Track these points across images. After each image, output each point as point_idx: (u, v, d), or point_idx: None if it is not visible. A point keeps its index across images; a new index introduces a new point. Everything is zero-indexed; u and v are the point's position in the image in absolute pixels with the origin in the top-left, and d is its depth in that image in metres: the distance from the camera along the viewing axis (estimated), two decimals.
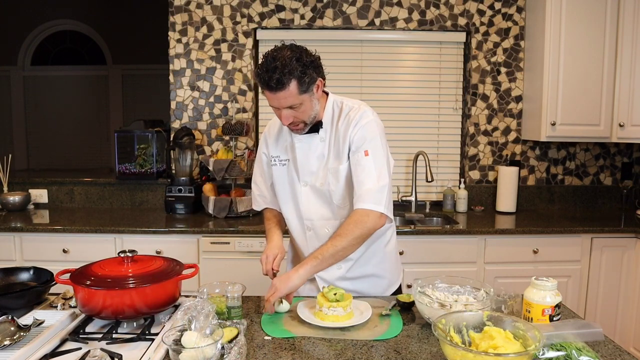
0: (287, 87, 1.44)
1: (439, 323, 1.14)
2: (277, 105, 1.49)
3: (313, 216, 1.67)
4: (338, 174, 1.61)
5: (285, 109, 1.50)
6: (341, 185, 1.62)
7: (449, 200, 3.20)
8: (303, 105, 1.50)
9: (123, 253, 1.43)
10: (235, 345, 1.18)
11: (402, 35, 3.24)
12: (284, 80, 1.42)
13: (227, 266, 2.66)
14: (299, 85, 1.46)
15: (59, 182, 3.29)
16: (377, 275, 1.73)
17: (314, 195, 1.66)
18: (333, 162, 1.62)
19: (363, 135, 1.57)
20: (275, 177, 1.73)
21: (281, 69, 1.42)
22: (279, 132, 1.72)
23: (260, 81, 1.46)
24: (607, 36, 2.94)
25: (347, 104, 1.65)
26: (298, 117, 1.53)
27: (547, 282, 1.31)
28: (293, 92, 1.45)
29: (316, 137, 1.63)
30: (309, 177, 1.65)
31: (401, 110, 3.31)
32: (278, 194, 1.74)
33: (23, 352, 1.15)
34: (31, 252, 2.68)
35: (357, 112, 1.60)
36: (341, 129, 1.61)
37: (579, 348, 1.13)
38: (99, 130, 5.87)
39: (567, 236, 2.75)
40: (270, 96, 1.48)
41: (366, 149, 1.56)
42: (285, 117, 1.51)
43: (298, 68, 1.44)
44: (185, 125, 3.22)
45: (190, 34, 3.18)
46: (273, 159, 1.72)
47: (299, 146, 1.64)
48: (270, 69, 1.43)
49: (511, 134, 3.32)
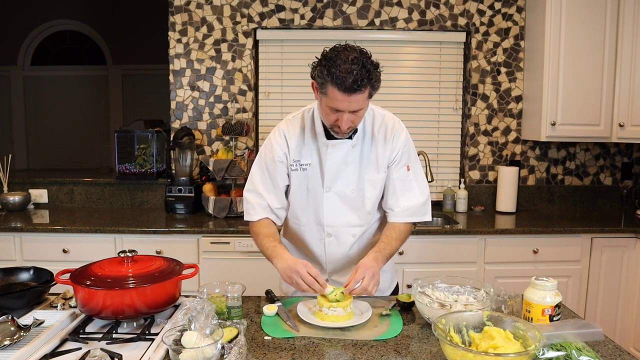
0: (364, 91, 1.42)
1: (439, 323, 1.14)
2: (345, 108, 1.44)
3: (337, 223, 1.65)
4: (376, 182, 1.63)
5: (349, 113, 1.46)
6: (377, 193, 1.64)
7: (449, 200, 3.20)
8: (363, 110, 1.49)
9: (123, 253, 1.43)
10: (235, 345, 1.18)
11: (402, 35, 3.24)
12: (364, 84, 1.40)
13: (227, 266, 2.66)
14: (371, 91, 1.45)
15: (59, 182, 3.29)
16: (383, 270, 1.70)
17: (340, 201, 1.64)
18: (370, 170, 1.63)
19: (405, 151, 1.64)
20: (293, 183, 1.66)
21: (364, 73, 1.39)
22: (301, 135, 1.65)
23: (337, 81, 1.39)
24: (607, 36, 2.94)
25: (379, 112, 1.66)
26: (354, 122, 1.51)
27: (547, 282, 1.31)
28: (365, 96, 1.44)
29: (348, 143, 1.60)
30: (335, 183, 1.62)
31: (401, 110, 3.30)
32: (294, 200, 1.68)
33: (23, 352, 1.14)
34: (31, 252, 2.68)
35: (395, 123, 1.64)
36: (379, 137, 1.62)
37: (579, 348, 1.13)
38: (99, 130, 5.87)
39: (567, 236, 2.75)
40: (342, 98, 1.42)
41: (408, 164, 1.65)
42: (347, 121, 1.48)
43: (375, 74, 1.42)
44: (185, 125, 3.22)
45: (190, 34, 3.18)
46: (294, 163, 1.64)
47: (331, 151, 1.60)
48: (351, 71, 1.37)
49: (511, 134, 3.32)
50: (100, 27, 5.68)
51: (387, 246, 1.58)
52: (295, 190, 1.67)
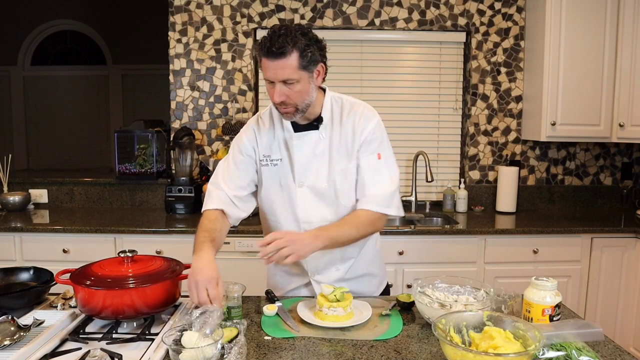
0: (288, 56, 1.37)
1: (439, 323, 1.14)
2: (272, 76, 1.40)
3: (313, 219, 1.57)
4: (347, 172, 1.55)
5: (280, 83, 1.40)
6: (350, 183, 1.56)
7: (449, 200, 3.20)
8: (300, 84, 1.41)
9: (123, 253, 1.43)
10: (235, 345, 1.18)
11: (402, 35, 3.24)
12: (286, 47, 1.36)
13: (227, 266, 2.66)
14: (300, 59, 1.38)
15: (59, 182, 3.29)
16: (370, 273, 1.70)
17: (314, 196, 1.57)
18: (340, 161, 1.55)
19: (375, 137, 1.54)
20: (266, 179, 1.60)
21: (285, 36, 1.36)
22: (271, 130, 1.60)
23: (260, 47, 1.38)
24: (607, 36, 2.94)
25: (348, 100, 1.60)
26: (291, 98, 1.43)
27: (547, 282, 1.31)
28: (293, 63, 1.38)
29: (315, 134, 1.55)
30: (306, 177, 1.56)
31: (401, 110, 3.31)
32: (269, 197, 1.62)
33: (23, 352, 1.14)
34: (31, 252, 2.68)
35: (364, 110, 1.56)
36: (347, 125, 1.55)
37: (579, 348, 1.13)
38: (99, 131, 5.87)
39: (567, 236, 2.75)
40: (268, 64, 1.39)
41: (379, 151, 1.55)
42: (279, 93, 1.41)
43: (303, 40, 1.38)
44: (185, 125, 3.22)
45: (190, 34, 3.18)
46: (265, 158, 1.60)
47: (297, 144, 1.54)
48: (274, 36, 1.37)
49: (511, 134, 3.32)
50: (100, 27, 5.68)
51: (335, 227, 1.49)
52: (268, 186, 1.61)
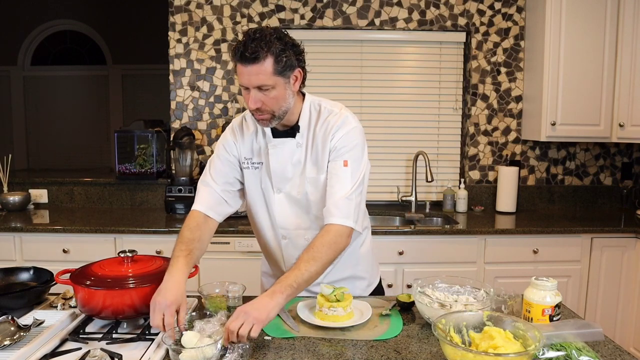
0: (262, 61, 1.32)
1: (439, 323, 1.14)
2: (246, 82, 1.35)
3: (289, 226, 1.56)
4: (318, 183, 1.51)
5: (255, 89, 1.36)
6: (321, 195, 1.50)
7: (449, 200, 3.20)
8: (275, 90, 1.37)
9: (123, 253, 1.43)
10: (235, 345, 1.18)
11: (402, 35, 3.24)
12: (259, 52, 1.31)
13: (227, 266, 2.66)
14: (275, 64, 1.33)
15: (59, 182, 3.29)
16: (355, 276, 1.67)
17: (290, 203, 1.54)
18: (311, 171, 1.51)
19: (344, 144, 1.47)
20: (248, 181, 1.58)
21: (259, 41, 1.31)
22: (254, 133, 1.56)
23: (234, 52, 1.34)
24: (607, 36, 2.94)
25: (326, 107, 1.53)
26: (267, 105, 1.38)
27: (547, 282, 1.31)
28: (267, 69, 1.33)
29: (292, 142, 1.50)
30: (283, 184, 1.53)
31: (401, 110, 3.31)
32: (252, 198, 1.60)
33: (23, 352, 1.14)
34: (31, 252, 2.68)
35: (339, 118, 1.49)
36: (319, 134, 1.49)
37: (579, 348, 1.13)
38: (99, 130, 5.87)
39: (567, 236, 2.75)
40: (242, 70, 1.34)
41: (346, 159, 1.46)
42: (254, 99, 1.36)
43: (278, 45, 1.33)
44: (185, 125, 3.22)
45: (190, 34, 3.18)
46: (246, 161, 1.57)
47: (273, 152, 1.51)
48: (248, 41, 1.32)
49: (511, 134, 3.32)
50: (100, 27, 5.67)
51: (293, 270, 1.33)
52: (251, 189, 1.59)
